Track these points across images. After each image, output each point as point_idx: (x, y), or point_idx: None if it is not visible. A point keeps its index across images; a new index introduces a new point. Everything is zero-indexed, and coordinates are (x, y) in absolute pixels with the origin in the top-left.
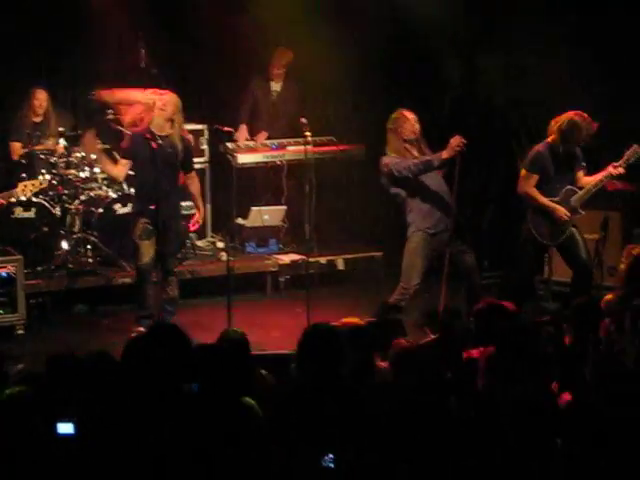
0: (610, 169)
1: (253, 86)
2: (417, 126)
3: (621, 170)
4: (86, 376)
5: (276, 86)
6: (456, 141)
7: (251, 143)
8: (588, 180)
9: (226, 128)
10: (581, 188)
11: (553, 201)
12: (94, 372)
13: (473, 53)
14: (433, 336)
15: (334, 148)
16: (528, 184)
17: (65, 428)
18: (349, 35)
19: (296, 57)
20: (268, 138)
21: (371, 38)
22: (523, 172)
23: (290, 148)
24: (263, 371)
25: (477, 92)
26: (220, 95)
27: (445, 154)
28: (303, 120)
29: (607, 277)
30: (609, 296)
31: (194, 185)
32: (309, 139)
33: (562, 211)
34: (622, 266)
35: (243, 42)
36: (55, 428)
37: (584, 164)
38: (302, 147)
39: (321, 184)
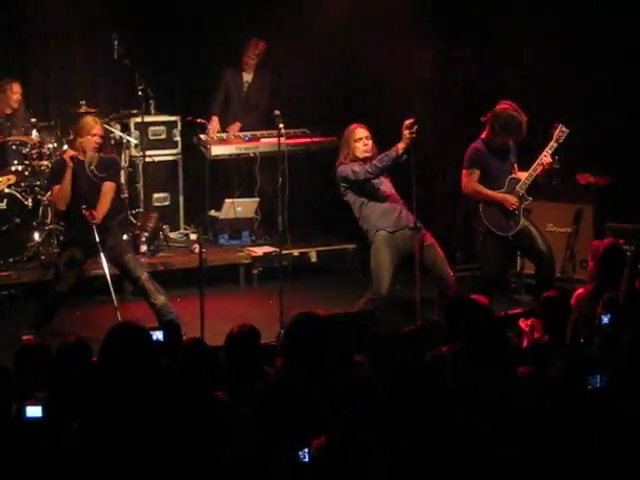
0: (542, 157)
1: (225, 77)
2: (369, 144)
3: (548, 159)
4: (55, 365)
5: (248, 77)
6: (407, 127)
7: (224, 135)
8: (523, 174)
9: (199, 120)
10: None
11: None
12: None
13: (448, 42)
14: None
15: (307, 140)
16: (471, 181)
17: (33, 411)
18: (323, 25)
19: (270, 48)
20: (241, 130)
21: (345, 27)
22: (464, 171)
23: (263, 140)
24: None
25: (451, 84)
26: (193, 87)
27: (401, 145)
28: (276, 112)
29: (579, 270)
30: (580, 290)
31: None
32: (282, 131)
33: (511, 199)
34: (590, 263)
35: (216, 33)
36: (23, 411)
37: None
38: (275, 139)
39: (294, 176)
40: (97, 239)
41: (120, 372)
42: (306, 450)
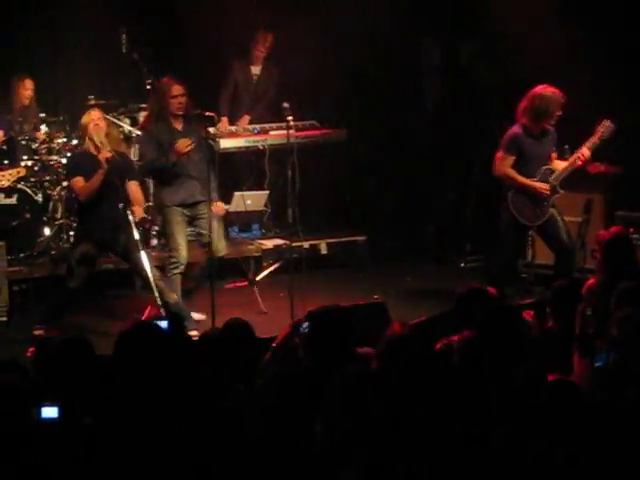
0: (581, 151)
1: (234, 70)
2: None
3: (587, 154)
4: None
5: (256, 69)
6: (180, 145)
7: (233, 128)
8: (561, 163)
9: (208, 113)
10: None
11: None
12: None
13: (456, 35)
14: None
15: (316, 132)
16: (505, 165)
17: (49, 412)
18: (331, 18)
19: (277, 41)
20: (250, 122)
21: (352, 20)
22: (499, 154)
23: (272, 133)
24: None
25: (460, 76)
26: (202, 79)
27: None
28: (285, 104)
29: (590, 260)
30: (591, 280)
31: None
32: (291, 123)
33: (543, 186)
34: (598, 255)
35: (225, 25)
36: (39, 412)
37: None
38: (284, 132)
39: (304, 168)
40: (132, 234)
41: (136, 368)
42: None
